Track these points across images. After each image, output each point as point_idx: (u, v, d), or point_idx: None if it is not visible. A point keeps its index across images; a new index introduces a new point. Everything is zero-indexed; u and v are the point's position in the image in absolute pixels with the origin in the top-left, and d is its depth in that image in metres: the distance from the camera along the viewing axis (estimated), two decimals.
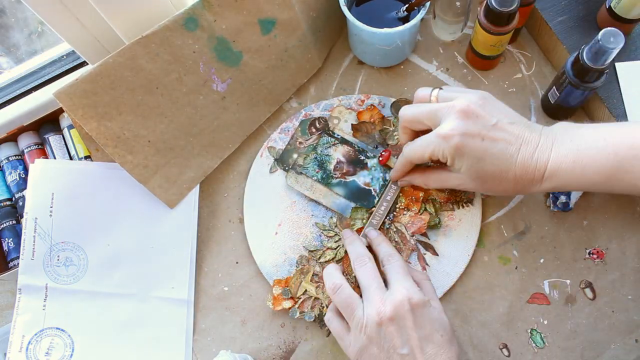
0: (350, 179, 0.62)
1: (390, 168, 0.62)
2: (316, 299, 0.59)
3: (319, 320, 0.58)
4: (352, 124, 0.64)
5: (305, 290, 0.59)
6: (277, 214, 0.62)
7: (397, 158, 0.61)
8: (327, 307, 0.58)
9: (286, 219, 0.62)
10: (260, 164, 0.64)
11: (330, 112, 0.66)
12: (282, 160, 0.64)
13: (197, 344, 0.60)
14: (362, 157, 0.63)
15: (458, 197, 0.61)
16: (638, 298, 0.58)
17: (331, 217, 0.62)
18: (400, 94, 0.67)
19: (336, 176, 0.63)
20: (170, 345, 0.59)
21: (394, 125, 0.64)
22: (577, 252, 0.60)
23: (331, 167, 0.63)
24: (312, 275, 0.60)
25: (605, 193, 0.61)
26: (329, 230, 0.61)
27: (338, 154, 0.64)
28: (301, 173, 0.63)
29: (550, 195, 0.61)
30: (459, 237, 0.60)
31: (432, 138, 0.51)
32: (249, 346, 0.60)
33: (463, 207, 0.61)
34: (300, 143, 0.64)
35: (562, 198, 0.60)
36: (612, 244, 0.60)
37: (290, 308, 0.59)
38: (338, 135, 0.64)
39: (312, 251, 0.61)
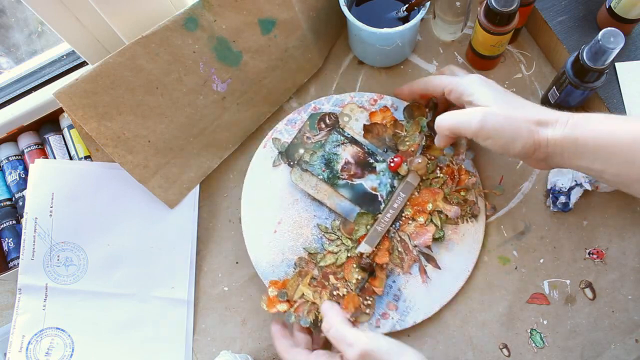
0: (357, 181, 0.61)
1: (399, 175, 0.61)
2: (313, 303, 0.57)
3: (314, 326, 0.56)
4: (364, 124, 0.62)
5: (302, 294, 0.58)
6: (277, 212, 0.61)
7: (408, 165, 0.60)
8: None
9: (287, 218, 0.61)
10: (262, 156, 0.62)
11: (341, 109, 0.64)
12: (287, 154, 0.62)
13: (197, 344, 0.60)
14: (372, 160, 0.61)
15: (463, 211, 0.60)
16: (638, 298, 0.58)
17: (334, 220, 0.60)
18: None
19: (343, 177, 0.61)
20: (170, 345, 0.59)
21: (406, 130, 0.62)
22: (577, 252, 0.60)
23: (338, 167, 0.61)
24: (310, 279, 0.58)
25: (606, 192, 0.61)
26: (331, 233, 0.60)
27: (347, 154, 0.62)
28: (306, 170, 0.61)
29: (550, 195, 0.61)
30: (461, 251, 0.60)
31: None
32: (249, 346, 0.60)
33: (467, 221, 0.60)
34: (307, 138, 0.62)
35: (562, 198, 0.60)
36: (612, 244, 0.60)
37: (285, 311, 0.57)
38: (348, 134, 0.62)
39: (312, 254, 0.59)
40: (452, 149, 0.61)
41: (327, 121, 0.63)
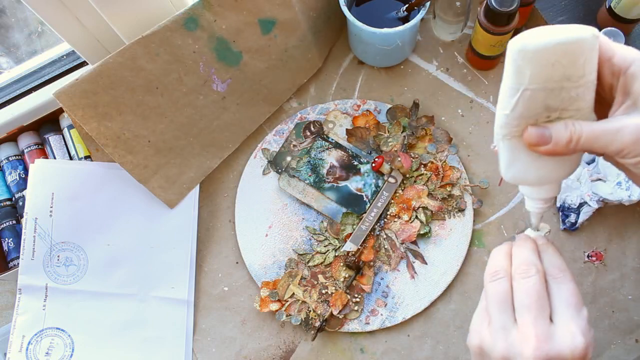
0: (342, 184, 0.62)
1: (382, 174, 0.62)
2: (303, 302, 0.59)
3: (305, 324, 0.58)
4: (346, 129, 0.64)
5: (293, 294, 0.59)
6: (268, 216, 0.63)
7: (389, 164, 0.62)
8: (313, 311, 0.58)
9: (277, 222, 0.62)
10: (253, 165, 0.64)
11: (325, 116, 0.65)
12: (275, 163, 0.64)
13: (197, 344, 0.60)
14: (356, 163, 0.63)
15: (449, 206, 0.61)
16: (638, 298, 0.58)
17: (322, 222, 0.62)
18: (400, 94, 0.67)
19: (328, 180, 0.63)
20: (170, 345, 0.59)
21: (388, 131, 0.64)
22: (577, 252, 0.60)
23: (324, 171, 0.63)
24: (300, 279, 0.60)
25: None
26: (319, 234, 0.62)
27: (331, 158, 0.63)
28: (294, 176, 0.63)
29: (560, 213, 0.61)
30: (449, 246, 0.60)
31: None
32: (249, 346, 0.60)
33: (454, 216, 0.61)
34: (294, 146, 0.64)
35: (572, 217, 0.59)
36: (612, 244, 0.60)
37: (277, 310, 0.59)
38: (332, 139, 0.64)
39: (301, 254, 0.61)
40: (435, 145, 0.63)
41: (312, 129, 0.65)
